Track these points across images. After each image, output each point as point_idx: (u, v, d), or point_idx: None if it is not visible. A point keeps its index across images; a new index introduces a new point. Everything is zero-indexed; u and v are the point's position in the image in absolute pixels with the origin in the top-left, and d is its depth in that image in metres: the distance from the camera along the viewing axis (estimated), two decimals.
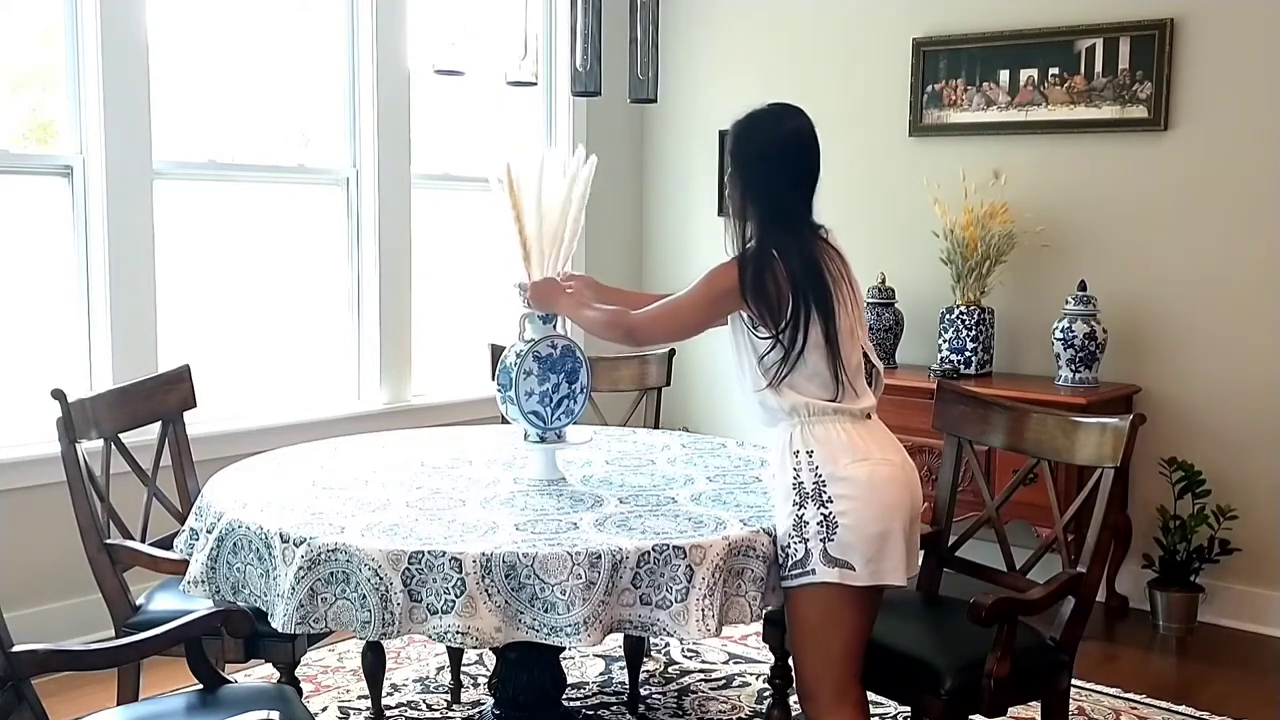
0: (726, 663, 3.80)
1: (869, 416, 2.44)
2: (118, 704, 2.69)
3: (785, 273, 2.33)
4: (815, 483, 2.32)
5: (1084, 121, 4.45)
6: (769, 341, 2.36)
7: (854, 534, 2.29)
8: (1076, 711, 3.36)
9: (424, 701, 3.47)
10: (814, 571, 2.30)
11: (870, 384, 2.47)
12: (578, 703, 3.46)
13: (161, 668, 2.80)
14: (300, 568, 2.22)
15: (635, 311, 2.58)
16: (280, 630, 2.25)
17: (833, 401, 2.37)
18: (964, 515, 3.62)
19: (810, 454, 2.34)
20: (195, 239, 4.23)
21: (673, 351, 3.78)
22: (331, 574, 2.21)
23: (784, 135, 2.43)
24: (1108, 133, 4.42)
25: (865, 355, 2.45)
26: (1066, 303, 4.30)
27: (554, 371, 2.70)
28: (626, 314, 2.59)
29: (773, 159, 2.41)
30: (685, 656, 3.84)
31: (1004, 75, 4.62)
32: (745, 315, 2.39)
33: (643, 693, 3.53)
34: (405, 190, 4.75)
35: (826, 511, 2.30)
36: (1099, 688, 3.64)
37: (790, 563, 2.33)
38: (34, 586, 3.70)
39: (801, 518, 2.32)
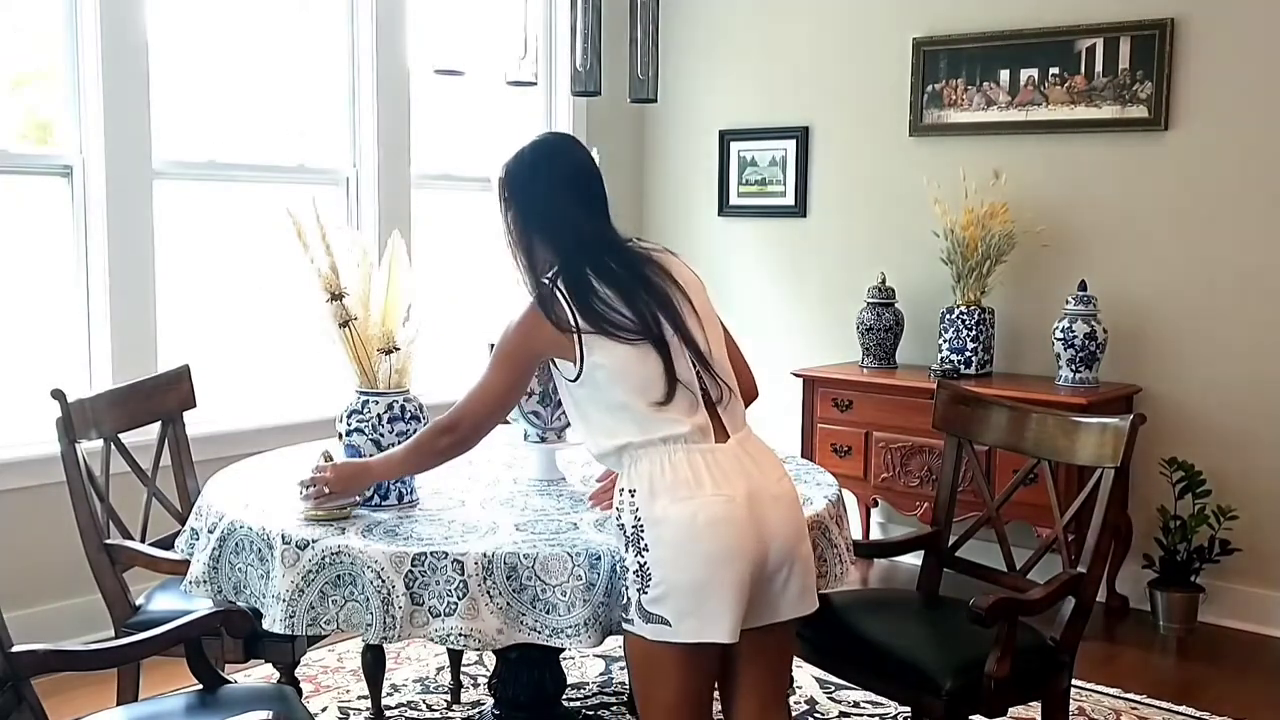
0: None
1: (725, 439, 2.19)
2: (118, 704, 2.69)
3: (605, 284, 2.19)
4: (634, 526, 2.11)
5: (1084, 121, 4.45)
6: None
7: (667, 586, 2.07)
8: (1077, 712, 3.35)
9: (424, 702, 3.47)
10: (633, 622, 2.12)
11: (720, 400, 2.21)
12: (578, 703, 3.46)
13: (161, 668, 2.79)
14: (303, 570, 2.22)
15: (444, 416, 2.32)
16: (278, 631, 2.25)
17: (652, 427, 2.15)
18: (964, 515, 3.62)
19: (633, 493, 2.13)
20: (195, 239, 4.23)
21: None
22: (338, 576, 2.21)
23: (574, 164, 2.31)
24: (1108, 132, 4.42)
25: (710, 369, 2.22)
26: (1066, 303, 4.30)
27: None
28: (434, 423, 2.34)
29: (565, 189, 2.28)
30: None
31: (1004, 75, 4.62)
32: (558, 359, 2.22)
33: None
34: (405, 190, 4.75)
35: (642, 560, 2.10)
36: (1099, 688, 3.64)
37: (622, 603, 2.16)
38: (34, 586, 3.70)
39: (624, 563, 2.14)
